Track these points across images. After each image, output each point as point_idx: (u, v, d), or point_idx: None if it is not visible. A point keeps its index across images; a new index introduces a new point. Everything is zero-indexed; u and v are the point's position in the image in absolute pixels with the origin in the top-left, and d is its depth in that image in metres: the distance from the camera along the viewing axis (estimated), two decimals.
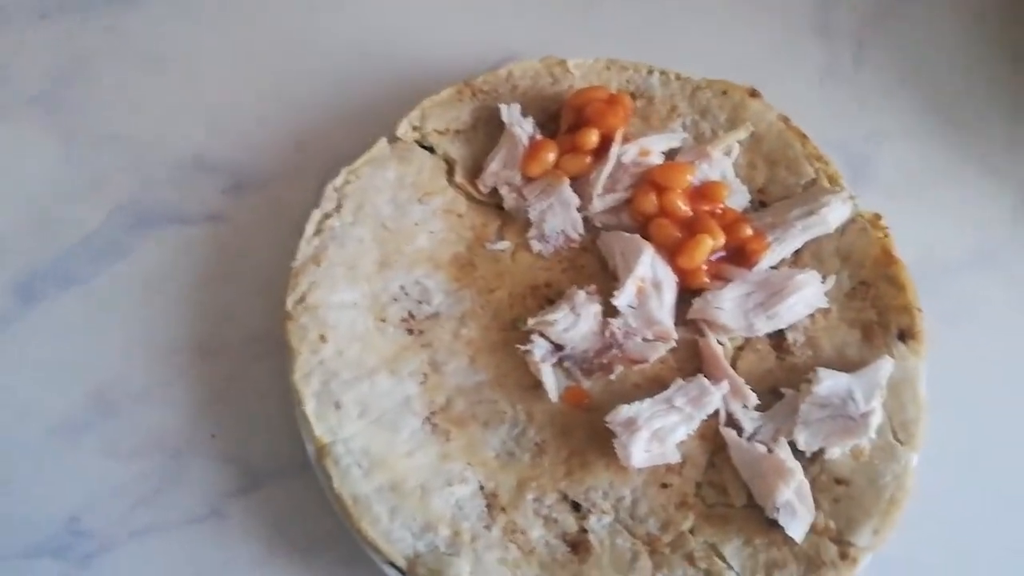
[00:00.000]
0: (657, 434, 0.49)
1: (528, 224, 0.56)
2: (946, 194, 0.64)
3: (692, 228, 0.54)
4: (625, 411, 0.49)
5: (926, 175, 0.65)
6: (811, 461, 0.51)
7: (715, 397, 0.50)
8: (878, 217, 0.57)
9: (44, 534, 0.49)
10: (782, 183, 0.59)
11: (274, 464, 0.51)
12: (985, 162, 0.65)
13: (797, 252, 0.56)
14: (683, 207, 0.55)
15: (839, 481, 0.50)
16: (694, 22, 0.69)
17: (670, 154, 0.58)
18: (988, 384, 0.58)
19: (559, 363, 0.53)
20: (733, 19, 0.70)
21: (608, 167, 0.55)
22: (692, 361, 0.54)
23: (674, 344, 0.52)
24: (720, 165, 0.58)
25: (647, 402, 0.50)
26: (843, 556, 0.48)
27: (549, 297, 0.55)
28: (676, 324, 0.54)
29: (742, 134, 0.57)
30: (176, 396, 0.53)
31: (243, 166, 0.60)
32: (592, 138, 0.55)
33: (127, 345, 0.54)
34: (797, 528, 0.48)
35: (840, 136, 0.66)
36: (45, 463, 0.50)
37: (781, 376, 0.53)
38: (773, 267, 0.56)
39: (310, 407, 0.49)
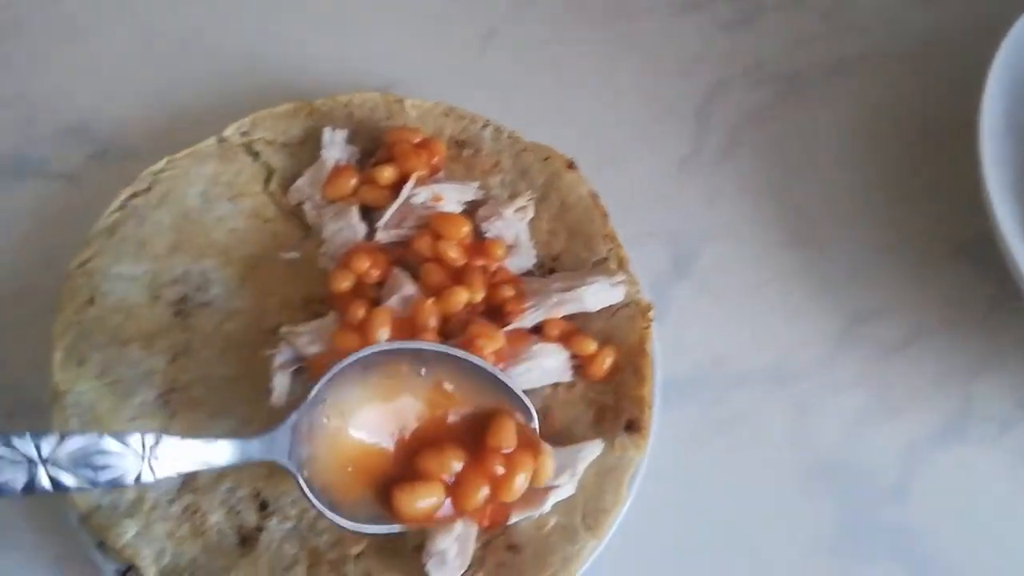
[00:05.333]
0: None
1: (323, 242, 0.60)
2: (763, 308, 0.63)
3: (458, 278, 0.57)
4: None
5: (750, 284, 0.64)
6: None
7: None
8: (649, 307, 0.57)
9: None
10: (576, 256, 0.60)
11: (38, 400, 0.57)
12: (819, 288, 0.64)
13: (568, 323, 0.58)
14: (455, 256, 0.57)
15: (511, 547, 0.51)
16: (578, 85, 0.71)
17: (474, 205, 0.61)
18: (724, 500, 0.57)
19: (299, 373, 0.56)
20: (617, 91, 0.71)
21: (396, 204, 0.59)
22: None
23: None
24: (514, 225, 0.60)
25: None
26: None
27: (319, 313, 0.58)
28: None
29: (523, 201, 0.59)
30: None
31: (113, 138, 0.67)
32: (386, 173, 0.59)
33: None
34: None
35: (677, 225, 0.66)
36: None
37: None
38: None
39: (57, 357, 0.55)
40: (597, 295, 0.56)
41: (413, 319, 0.55)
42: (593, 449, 0.53)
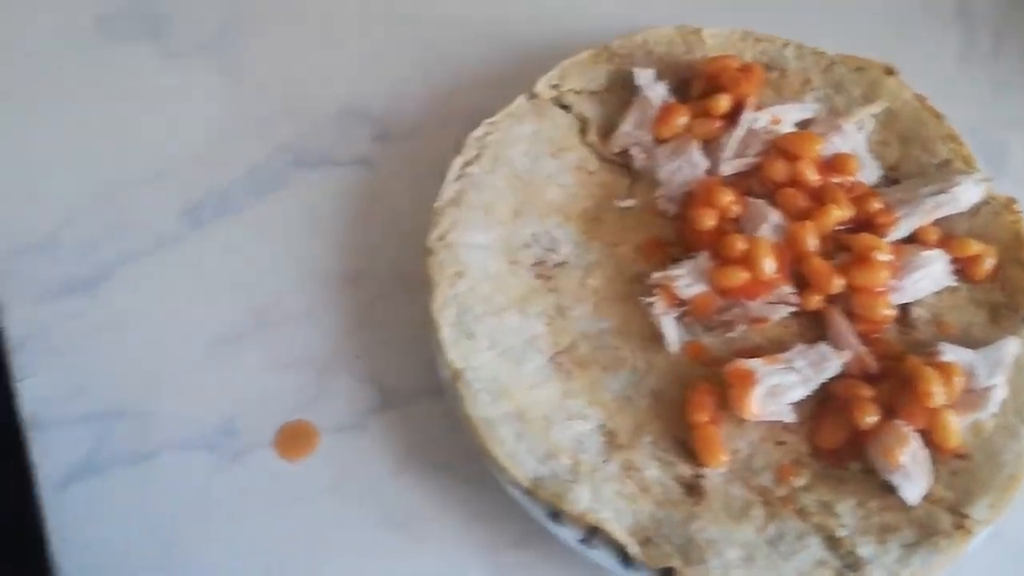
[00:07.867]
0: (773, 391, 0.50)
1: (655, 184, 0.58)
2: None
3: (820, 198, 0.55)
4: (743, 364, 0.51)
5: None
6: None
7: (834, 363, 0.51)
8: (1012, 201, 0.57)
9: (203, 431, 0.53)
10: (915, 161, 0.59)
11: (409, 387, 0.55)
12: None
13: None
14: (813, 177, 0.56)
15: (958, 456, 0.50)
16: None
17: (802, 125, 0.59)
18: None
19: (679, 318, 0.55)
20: None
21: (740, 132, 0.57)
22: (815, 329, 0.54)
23: (796, 307, 0.54)
24: (852, 139, 0.58)
25: (767, 359, 0.51)
26: (958, 526, 0.48)
27: (672, 255, 0.56)
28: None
29: (876, 108, 0.58)
30: (327, 319, 0.57)
31: (391, 117, 0.64)
32: (723, 103, 0.57)
33: (285, 271, 0.58)
34: (912, 491, 0.48)
35: (975, 121, 0.65)
36: (209, 370, 0.55)
37: (903, 350, 0.54)
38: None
39: (446, 335, 0.52)
40: (968, 193, 0.55)
41: (792, 244, 0.54)
42: (1012, 344, 0.52)
